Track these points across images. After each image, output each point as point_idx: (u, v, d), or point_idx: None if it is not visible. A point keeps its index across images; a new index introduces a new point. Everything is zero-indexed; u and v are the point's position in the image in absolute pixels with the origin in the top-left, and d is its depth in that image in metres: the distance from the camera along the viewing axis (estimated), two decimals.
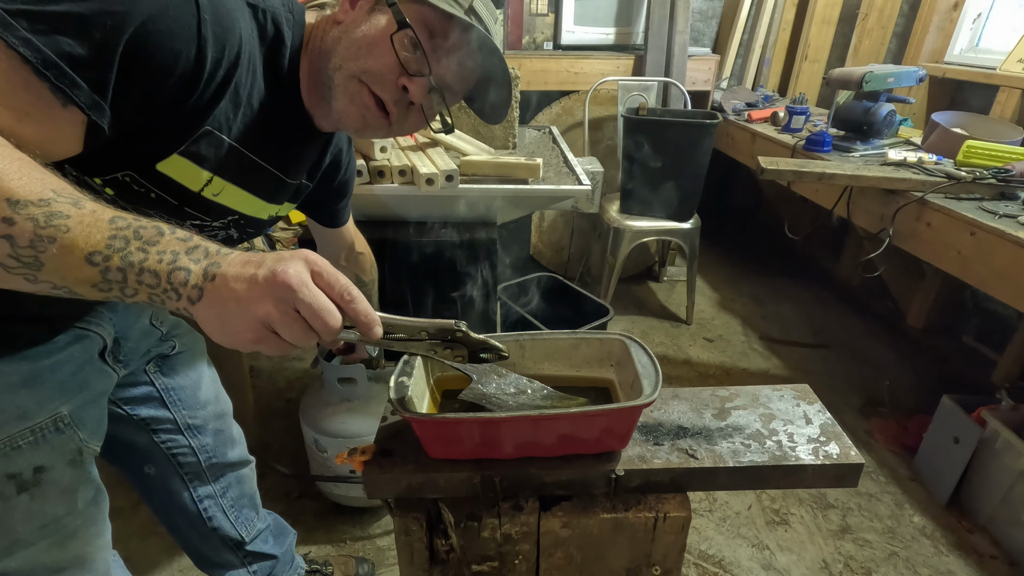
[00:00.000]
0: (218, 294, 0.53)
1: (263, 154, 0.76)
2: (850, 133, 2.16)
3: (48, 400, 0.76)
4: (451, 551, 0.73)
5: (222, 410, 1.13)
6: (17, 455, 0.73)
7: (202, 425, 1.07)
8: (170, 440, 1.04)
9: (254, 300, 0.53)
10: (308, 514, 1.71)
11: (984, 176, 1.64)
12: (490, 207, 1.47)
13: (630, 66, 2.77)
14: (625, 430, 0.73)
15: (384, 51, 0.70)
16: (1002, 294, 1.48)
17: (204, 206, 0.74)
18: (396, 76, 0.72)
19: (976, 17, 2.49)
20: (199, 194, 0.71)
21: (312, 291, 0.54)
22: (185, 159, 0.67)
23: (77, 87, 0.53)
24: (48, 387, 0.75)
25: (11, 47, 0.50)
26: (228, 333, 0.54)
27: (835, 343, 2.62)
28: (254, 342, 0.54)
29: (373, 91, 0.72)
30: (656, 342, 2.63)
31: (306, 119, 0.80)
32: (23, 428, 0.73)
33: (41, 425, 0.75)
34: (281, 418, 2.07)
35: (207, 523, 1.14)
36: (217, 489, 1.13)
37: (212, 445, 1.09)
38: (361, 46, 0.71)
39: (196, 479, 1.10)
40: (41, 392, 0.75)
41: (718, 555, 1.63)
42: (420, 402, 0.75)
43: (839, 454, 0.75)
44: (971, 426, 1.69)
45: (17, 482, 0.74)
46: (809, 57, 3.10)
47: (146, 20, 0.55)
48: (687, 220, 2.54)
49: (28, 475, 0.75)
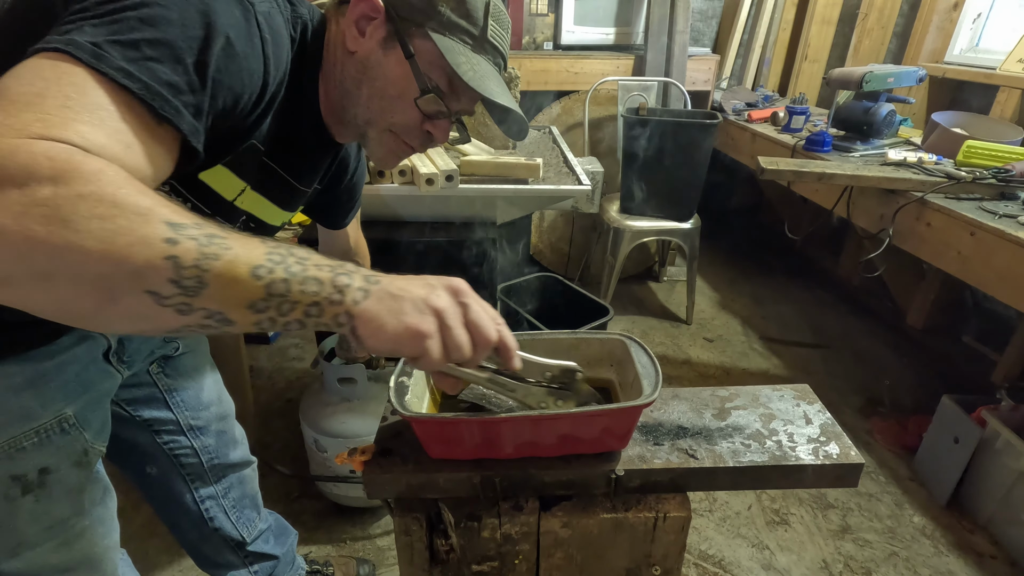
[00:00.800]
0: (387, 292, 0.54)
1: (284, 164, 0.78)
2: (850, 133, 2.16)
3: (53, 401, 0.75)
4: (451, 551, 0.73)
5: (225, 411, 1.13)
6: (22, 456, 0.73)
7: (204, 426, 1.07)
8: (172, 441, 1.04)
9: (432, 293, 0.55)
10: (308, 514, 1.71)
11: (984, 176, 1.64)
12: (490, 207, 1.47)
13: (630, 66, 2.77)
14: (625, 430, 0.73)
15: (409, 107, 0.75)
16: (1002, 294, 1.48)
17: (229, 213, 0.75)
18: (422, 125, 0.78)
19: (976, 17, 2.49)
20: (232, 202, 0.73)
21: (480, 300, 0.57)
22: (227, 169, 0.69)
23: (180, 115, 0.53)
24: (52, 388, 0.75)
25: (111, 79, 0.49)
26: (399, 328, 0.53)
27: (835, 343, 2.62)
28: (426, 336, 0.54)
29: (405, 140, 0.79)
30: (656, 342, 2.63)
31: (323, 130, 0.81)
32: (27, 429, 0.73)
33: (46, 426, 0.75)
34: (281, 418, 2.07)
35: (208, 523, 1.14)
36: (219, 490, 1.13)
37: (214, 446, 1.09)
38: (386, 99, 0.74)
39: (198, 480, 1.10)
40: (45, 393, 0.75)
41: (718, 555, 1.63)
42: (420, 402, 0.75)
43: (839, 454, 0.75)
44: (971, 426, 1.69)
45: (22, 483, 0.74)
46: (809, 57, 3.10)
47: (225, 43, 0.56)
48: (687, 220, 2.54)
49: (33, 476, 0.75)
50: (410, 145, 0.80)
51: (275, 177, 0.78)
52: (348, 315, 0.52)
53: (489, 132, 1.63)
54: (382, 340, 0.54)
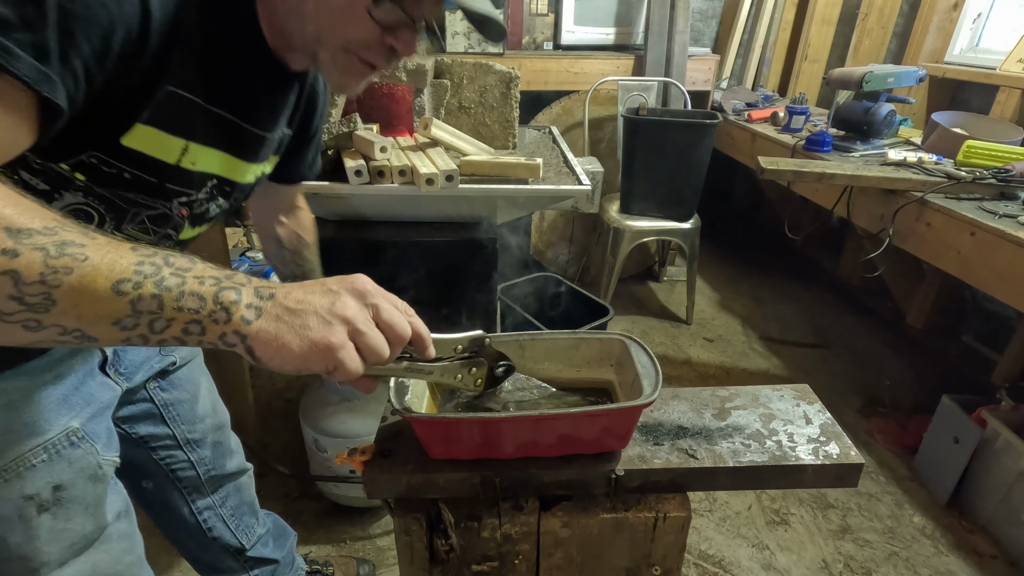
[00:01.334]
0: (285, 308, 0.48)
1: (233, 107, 0.68)
2: (850, 133, 2.15)
3: (56, 415, 0.72)
4: (451, 551, 0.73)
5: (220, 422, 1.11)
6: (32, 474, 0.70)
7: (201, 439, 1.05)
8: (169, 456, 1.02)
9: (336, 300, 0.50)
10: (308, 514, 1.71)
11: (984, 176, 1.64)
12: (490, 207, 1.47)
13: (630, 66, 2.77)
14: (625, 430, 0.73)
15: (363, 19, 0.63)
16: (1002, 294, 1.48)
17: (186, 178, 0.67)
18: (382, 39, 0.66)
19: (976, 17, 2.49)
20: (178, 166, 0.64)
21: (387, 295, 0.53)
22: (151, 128, 0.59)
23: (14, 57, 0.43)
24: (53, 401, 0.72)
25: None
26: (304, 345, 0.48)
27: (835, 343, 2.62)
28: (337, 349, 0.49)
29: (363, 58, 0.67)
30: (656, 342, 2.63)
31: (275, 63, 0.71)
32: (35, 446, 0.70)
33: (53, 441, 0.72)
34: (281, 418, 2.07)
35: (207, 533, 1.13)
36: (216, 500, 1.12)
37: (210, 458, 1.08)
38: (336, 14, 0.64)
39: (195, 492, 1.08)
40: (47, 406, 0.71)
41: (718, 555, 1.63)
42: (420, 402, 0.75)
43: (839, 454, 0.75)
44: (971, 426, 1.69)
45: (36, 502, 0.71)
46: (809, 57, 3.10)
47: None
48: (687, 220, 2.54)
49: (47, 494, 0.72)
50: (370, 63, 0.68)
51: (224, 125, 0.68)
52: (238, 335, 0.47)
53: (489, 132, 1.63)
54: (287, 360, 0.49)
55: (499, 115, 1.61)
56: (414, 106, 1.51)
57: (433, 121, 1.40)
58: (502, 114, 1.61)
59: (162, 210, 0.68)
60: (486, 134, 1.63)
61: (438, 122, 1.42)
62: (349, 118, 1.38)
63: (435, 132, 1.41)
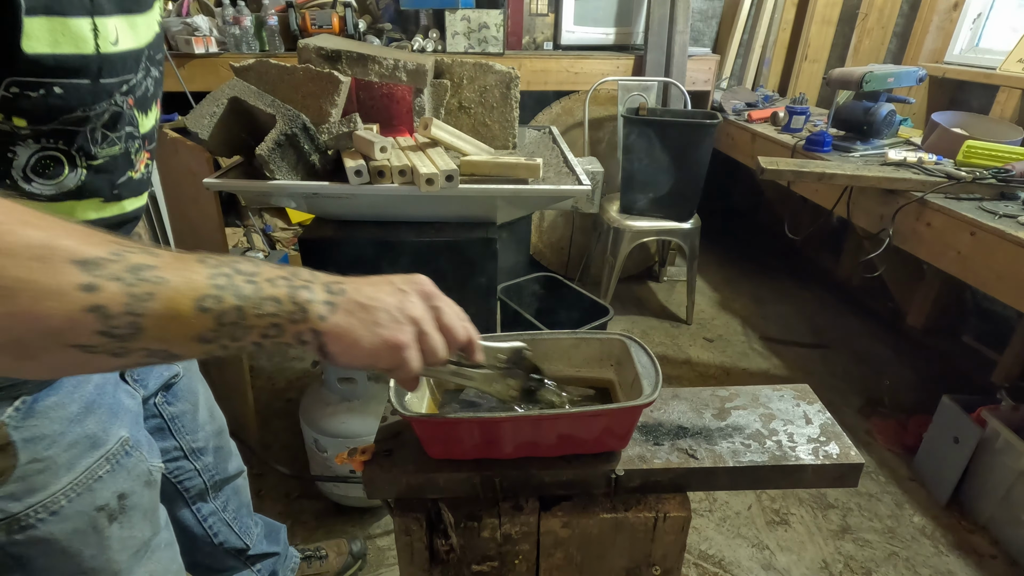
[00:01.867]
0: (357, 303, 0.49)
1: None
2: (850, 133, 2.15)
3: (109, 425, 0.74)
4: (451, 551, 0.73)
5: (219, 427, 1.12)
6: (100, 486, 0.72)
7: (204, 446, 1.06)
8: (176, 468, 1.03)
9: (405, 300, 0.51)
10: (308, 514, 1.71)
11: (984, 176, 1.64)
12: (490, 207, 1.46)
13: (630, 66, 2.77)
14: (625, 430, 0.73)
15: None
16: (1002, 294, 1.48)
17: (117, 65, 0.60)
18: None
19: (976, 17, 2.49)
20: (100, 54, 0.58)
21: (447, 300, 0.55)
22: (42, 18, 0.52)
23: None
24: (103, 412, 0.73)
25: None
26: (376, 342, 0.49)
27: (835, 343, 2.62)
28: (405, 348, 0.50)
29: None
30: (656, 342, 2.63)
31: None
32: (98, 457, 0.72)
33: (113, 451, 0.73)
34: (281, 418, 2.07)
35: (213, 539, 1.14)
36: (219, 505, 1.13)
37: (213, 463, 1.09)
38: None
39: (199, 500, 1.10)
40: (101, 417, 0.73)
41: (718, 555, 1.63)
42: (420, 402, 0.75)
43: (839, 454, 0.75)
44: (971, 426, 1.69)
45: (107, 512, 0.73)
46: (809, 57, 3.10)
47: None
48: (687, 220, 2.54)
49: (114, 504, 0.74)
50: None
51: None
52: (314, 332, 0.47)
53: (489, 132, 1.63)
54: (357, 356, 0.49)
55: (499, 115, 1.61)
56: (414, 106, 1.51)
57: (433, 121, 1.40)
58: (502, 114, 1.61)
59: (111, 110, 0.62)
60: (486, 134, 1.63)
61: (438, 122, 1.42)
62: (349, 118, 1.38)
63: (435, 132, 1.41)
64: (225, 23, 2.37)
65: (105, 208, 0.66)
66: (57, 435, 0.68)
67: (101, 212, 0.66)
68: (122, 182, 0.67)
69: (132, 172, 0.68)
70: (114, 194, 0.66)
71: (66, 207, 0.61)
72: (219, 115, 1.28)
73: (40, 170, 0.56)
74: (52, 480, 0.68)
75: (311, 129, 1.31)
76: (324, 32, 2.38)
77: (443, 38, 2.56)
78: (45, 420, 0.66)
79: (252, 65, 1.40)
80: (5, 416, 0.64)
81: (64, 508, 0.69)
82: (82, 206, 0.63)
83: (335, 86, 1.33)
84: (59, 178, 0.59)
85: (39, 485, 0.67)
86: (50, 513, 0.68)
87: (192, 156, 1.56)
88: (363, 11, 2.67)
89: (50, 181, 0.59)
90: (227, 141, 1.34)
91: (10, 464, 0.64)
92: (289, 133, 1.25)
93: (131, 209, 0.71)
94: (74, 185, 0.61)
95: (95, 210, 0.65)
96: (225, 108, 1.28)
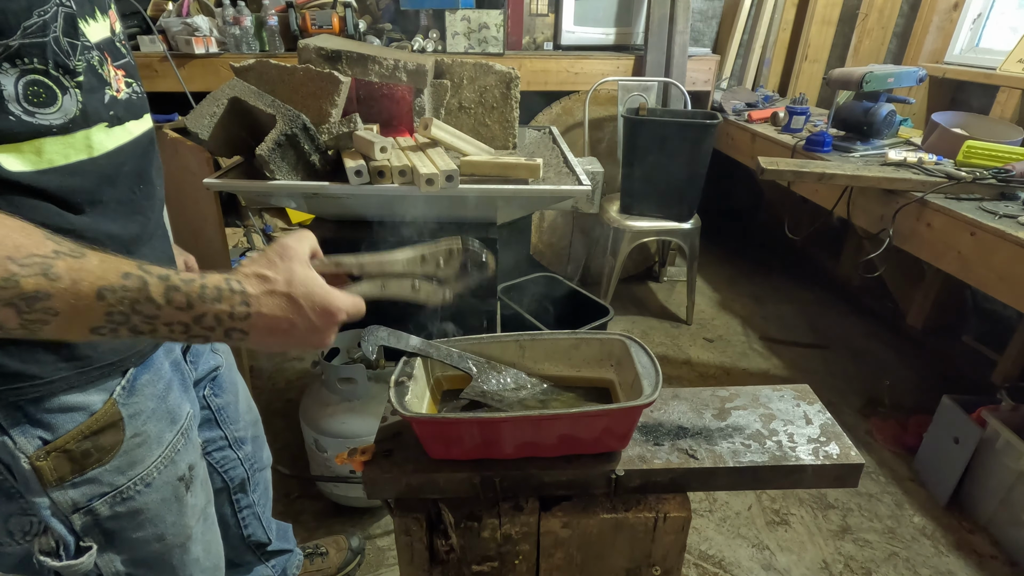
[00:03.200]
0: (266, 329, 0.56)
1: None
2: (850, 133, 2.15)
3: (181, 401, 0.78)
4: (451, 551, 0.73)
5: (255, 417, 1.15)
6: (179, 458, 0.77)
7: (244, 436, 1.09)
8: (223, 458, 1.05)
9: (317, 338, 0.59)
10: (308, 514, 1.71)
11: (984, 176, 1.64)
12: (490, 207, 1.47)
13: (630, 66, 2.77)
14: (625, 430, 0.73)
15: None
16: (1002, 294, 1.48)
17: None
18: None
19: (976, 17, 2.49)
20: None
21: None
22: None
23: None
24: (177, 388, 0.78)
25: None
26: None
27: (835, 343, 2.62)
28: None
29: None
30: (656, 342, 2.63)
31: None
32: (177, 431, 0.76)
33: (185, 426, 0.78)
34: (281, 418, 2.07)
35: (243, 531, 1.16)
36: (255, 498, 1.16)
37: (252, 452, 1.12)
38: None
39: (240, 491, 1.11)
40: (176, 393, 0.77)
41: (718, 555, 1.63)
42: (420, 402, 0.75)
43: (839, 454, 0.75)
44: (971, 426, 1.69)
45: (184, 482, 0.78)
46: (809, 57, 3.10)
47: None
48: (687, 220, 2.54)
49: (187, 474, 0.79)
50: None
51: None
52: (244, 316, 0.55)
53: (489, 132, 1.63)
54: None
55: (499, 115, 1.61)
56: (414, 106, 1.51)
57: (433, 121, 1.40)
58: (502, 114, 1.61)
59: (62, 10, 0.59)
60: (486, 134, 1.63)
61: (438, 122, 1.42)
62: (349, 118, 1.38)
63: (435, 132, 1.41)
64: (225, 23, 2.37)
65: (115, 133, 0.66)
66: (151, 411, 0.72)
67: (116, 139, 0.66)
68: (108, 102, 0.65)
69: (111, 91, 0.66)
70: (111, 115, 0.65)
71: (80, 138, 0.62)
72: (219, 115, 1.28)
73: (33, 99, 0.57)
74: (148, 454, 0.72)
75: (311, 129, 1.31)
76: (324, 32, 2.38)
77: (443, 38, 2.56)
78: (142, 397, 0.71)
79: (252, 65, 1.40)
80: (115, 394, 0.68)
81: (156, 479, 0.73)
82: (96, 135, 0.63)
83: (335, 86, 1.33)
84: (56, 104, 0.59)
85: (138, 459, 0.71)
86: (145, 485, 0.72)
87: (192, 156, 1.56)
88: (363, 11, 2.67)
89: (49, 109, 0.59)
90: (227, 141, 1.34)
91: (119, 439, 0.69)
92: (289, 133, 1.26)
93: (139, 133, 0.70)
94: (76, 110, 0.60)
95: (109, 137, 0.65)
96: (225, 108, 1.28)
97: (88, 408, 0.66)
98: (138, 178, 0.70)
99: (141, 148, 0.71)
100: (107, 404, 0.67)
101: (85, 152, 0.62)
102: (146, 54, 2.33)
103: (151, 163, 0.74)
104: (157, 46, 2.32)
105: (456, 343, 0.83)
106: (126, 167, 0.67)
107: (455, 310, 0.75)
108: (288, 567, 1.33)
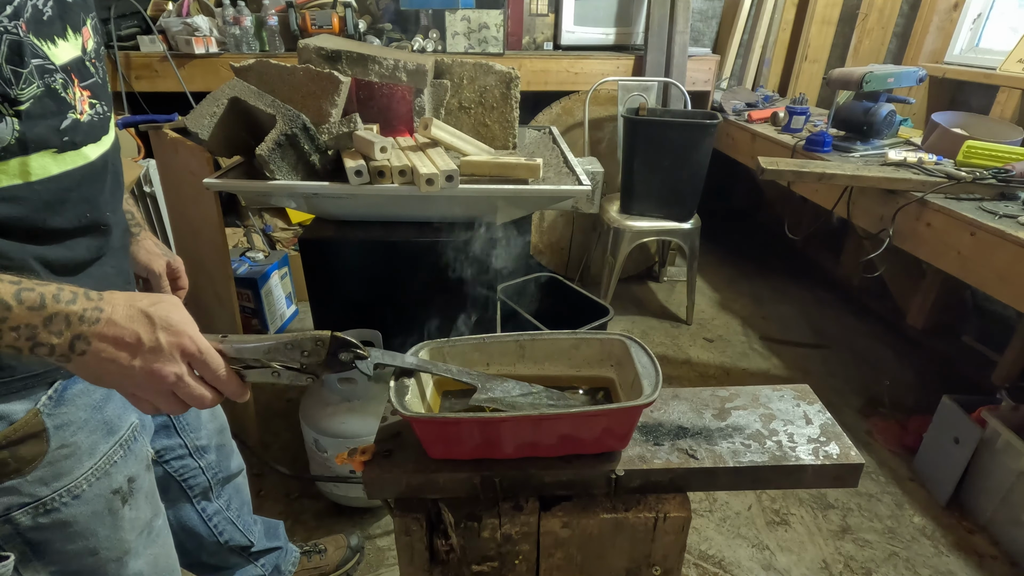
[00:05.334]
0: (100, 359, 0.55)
1: None
2: (850, 133, 2.15)
3: (123, 411, 0.77)
4: (451, 551, 0.73)
5: (221, 425, 1.13)
6: (115, 470, 0.75)
7: (207, 444, 1.07)
8: (182, 467, 1.04)
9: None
10: (308, 514, 1.71)
11: (984, 176, 1.64)
12: (490, 207, 1.46)
13: (630, 66, 2.77)
14: (625, 430, 0.73)
15: None
16: (1002, 294, 1.48)
17: None
18: None
19: (976, 17, 2.49)
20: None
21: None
22: None
23: None
24: (119, 399, 0.76)
25: None
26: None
27: (835, 343, 2.62)
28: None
29: None
30: (656, 342, 2.63)
31: None
32: (114, 443, 0.75)
33: (125, 437, 0.77)
34: (281, 418, 2.07)
35: (219, 538, 1.15)
36: (223, 504, 1.14)
37: (216, 461, 1.10)
38: None
39: (203, 498, 1.10)
40: (117, 404, 0.76)
41: (718, 555, 1.63)
42: (420, 402, 0.75)
43: (839, 454, 0.75)
44: (971, 426, 1.69)
45: (120, 496, 0.77)
46: (809, 57, 3.10)
47: None
48: (687, 220, 2.54)
49: (126, 487, 0.77)
50: None
51: None
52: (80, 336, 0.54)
53: (489, 132, 1.63)
54: None
55: (499, 115, 1.61)
56: (414, 106, 1.51)
57: (433, 121, 1.40)
58: (502, 114, 1.61)
59: (5, 37, 0.58)
60: (486, 134, 1.63)
61: (438, 122, 1.42)
62: (349, 118, 1.38)
63: (435, 132, 1.41)
64: (225, 23, 2.37)
65: (65, 159, 0.64)
66: (82, 422, 0.71)
67: (64, 164, 0.64)
68: (67, 127, 0.63)
69: (75, 114, 0.64)
70: (65, 142, 0.63)
71: (15, 165, 0.59)
72: (219, 115, 1.28)
73: None
74: (76, 465, 0.71)
75: (311, 129, 1.31)
76: (324, 32, 2.38)
77: (443, 38, 2.56)
78: (73, 407, 0.70)
79: (252, 65, 1.40)
80: (40, 404, 0.67)
81: (85, 492, 0.72)
82: (36, 161, 0.61)
83: (335, 86, 1.33)
84: None
85: (65, 470, 0.70)
86: (73, 497, 0.71)
87: (192, 156, 1.56)
88: (363, 11, 2.67)
89: None
90: (227, 141, 1.34)
91: (42, 451, 0.67)
92: (289, 133, 1.26)
93: (95, 157, 0.69)
94: (11, 138, 0.58)
95: (55, 163, 0.63)
96: (225, 108, 1.28)
97: (8, 418, 0.64)
98: (87, 204, 0.68)
99: (94, 172, 0.69)
100: (29, 414, 0.66)
101: (20, 178, 0.60)
102: (146, 54, 2.33)
103: (103, 187, 0.72)
104: (157, 46, 2.32)
105: (456, 343, 0.83)
106: (73, 193, 0.66)
107: (455, 310, 0.74)
108: (281, 563, 1.33)
